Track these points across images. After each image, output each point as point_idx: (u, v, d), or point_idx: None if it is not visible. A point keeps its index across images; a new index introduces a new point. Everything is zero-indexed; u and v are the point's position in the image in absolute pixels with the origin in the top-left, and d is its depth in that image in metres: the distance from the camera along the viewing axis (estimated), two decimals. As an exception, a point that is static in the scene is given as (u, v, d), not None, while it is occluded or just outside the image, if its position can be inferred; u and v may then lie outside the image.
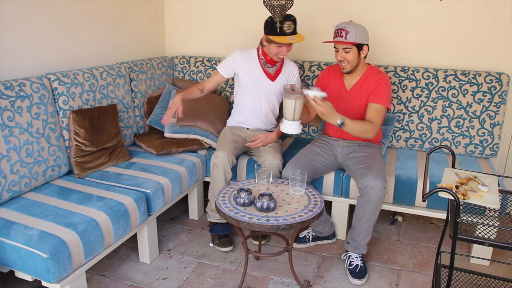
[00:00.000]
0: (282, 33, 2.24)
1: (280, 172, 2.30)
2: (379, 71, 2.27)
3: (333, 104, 2.34)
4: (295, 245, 2.37)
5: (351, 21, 2.18)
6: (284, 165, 2.31)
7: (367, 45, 2.18)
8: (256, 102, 2.52)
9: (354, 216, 2.13)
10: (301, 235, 2.40)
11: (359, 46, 2.15)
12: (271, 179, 2.12)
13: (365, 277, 2.09)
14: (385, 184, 2.03)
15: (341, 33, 2.13)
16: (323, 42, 2.27)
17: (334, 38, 2.17)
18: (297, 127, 2.11)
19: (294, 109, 2.05)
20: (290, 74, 2.52)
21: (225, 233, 2.38)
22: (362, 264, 2.13)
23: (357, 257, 2.14)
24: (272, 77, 2.47)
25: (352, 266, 2.12)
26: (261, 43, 2.43)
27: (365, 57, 2.23)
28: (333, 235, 2.44)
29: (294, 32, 2.27)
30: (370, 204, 2.02)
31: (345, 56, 2.17)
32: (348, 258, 2.16)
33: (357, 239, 2.14)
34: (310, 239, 2.38)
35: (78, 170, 2.19)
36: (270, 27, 2.27)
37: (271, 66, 2.46)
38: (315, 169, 2.25)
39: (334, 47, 2.21)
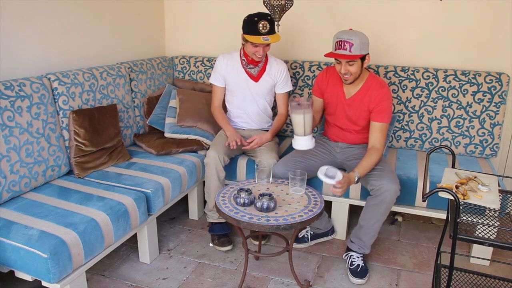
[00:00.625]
0: (258, 32, 2.22)
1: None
2: (381, 84, 2.16)
3: (331, 111, 2.31)
4: (295, 246, 2.36)
5: (350, 29, 2.07)
6: None
7: (368, 53, 2.10)
8: (243, 104, 2.54)
9: (363, 216, 2.12)
10: (300, 235, 2.40)
11: (363, 57, 2.05)
12: (271, 178, 2.12)
13: (366, 276, 2.10)
14: (399, 186, 2.03)
15: (344, 45, 1.99)
16: (325, 55, 2.09)
17: (335, 49, 2.04)
18: (310, 141, 2.06)
19: (304, 124, 1.99)
20: (276, 73, 2.49)
21: (224, 232, 2.38)
22: (363, 264, 2.13)
23: (358, 257, 2.15)
24: (255, 78, 2.46)
25: (354, 266, 2.12)
26: (242, 43, 2.43)
27: None
28: (332, 230, 2.44)
29: (270, 32, 2.24)
30: (383, 205, 2.02)
31: (349, 69, 2.05)
32: (350, 258, 2.16)
33: (363, 239, 2.14)
34: (309, 238, 2.38)
35: (78, 170, 2.19)
36: (246, 26, 2.26)
37: (254, 67, 2.45)
38: (309, 167, 2.22)
39: (336, 59, 2.08)
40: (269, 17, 2.25)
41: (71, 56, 2.44)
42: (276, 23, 2.42)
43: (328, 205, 2.35)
